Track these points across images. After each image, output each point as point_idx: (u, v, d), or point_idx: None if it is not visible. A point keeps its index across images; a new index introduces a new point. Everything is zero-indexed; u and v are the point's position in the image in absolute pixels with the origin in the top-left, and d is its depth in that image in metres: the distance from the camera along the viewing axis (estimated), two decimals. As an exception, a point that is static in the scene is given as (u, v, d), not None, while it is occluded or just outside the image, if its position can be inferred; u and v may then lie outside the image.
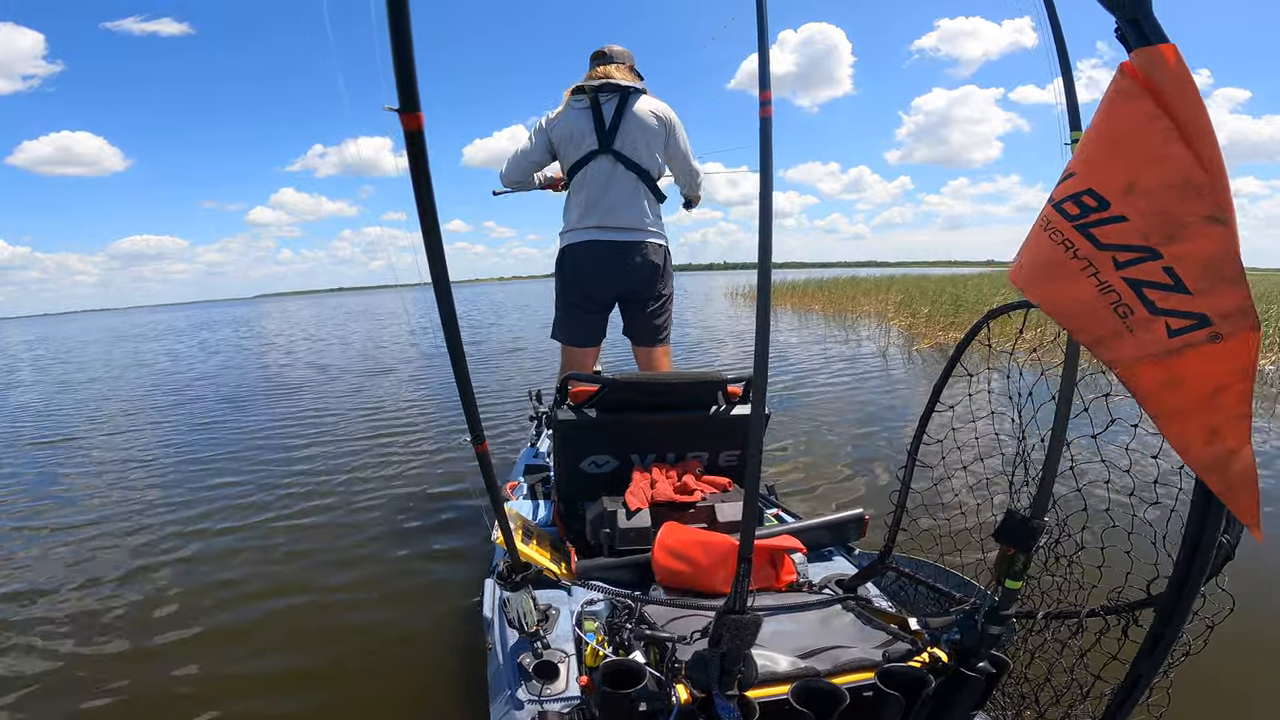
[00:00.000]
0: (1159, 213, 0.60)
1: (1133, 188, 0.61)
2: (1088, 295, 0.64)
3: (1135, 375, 0.63)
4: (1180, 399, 0.61)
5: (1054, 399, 0.95)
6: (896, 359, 5.27)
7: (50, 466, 3.81)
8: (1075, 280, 0.65)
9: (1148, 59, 0.60)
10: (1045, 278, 0.68)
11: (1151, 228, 0.60)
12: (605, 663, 0.92)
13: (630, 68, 2.35)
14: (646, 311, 2.39)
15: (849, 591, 1.26)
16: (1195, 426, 0.61)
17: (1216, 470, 0.61)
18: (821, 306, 14.40)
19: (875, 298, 13.23)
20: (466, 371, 0.79)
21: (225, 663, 1.75)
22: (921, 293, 11.89)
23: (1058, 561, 1.09)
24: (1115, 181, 0.62)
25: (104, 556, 2.42)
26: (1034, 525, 0.93)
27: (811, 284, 17.81)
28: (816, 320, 11.95)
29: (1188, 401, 0.61)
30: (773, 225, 0.75)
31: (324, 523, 2.73)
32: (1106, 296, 0.63)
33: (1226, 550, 0.76)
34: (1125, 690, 0.79)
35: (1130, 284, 0.62)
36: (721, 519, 1.49)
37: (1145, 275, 0.61)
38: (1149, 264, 0.61)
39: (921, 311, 9.78)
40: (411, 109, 0.58)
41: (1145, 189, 0.61)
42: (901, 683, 0.87)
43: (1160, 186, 0.60)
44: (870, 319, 11.23)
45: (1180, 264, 0.59)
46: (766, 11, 0.74)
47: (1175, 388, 0.61)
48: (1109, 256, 0.63)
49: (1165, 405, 0.62)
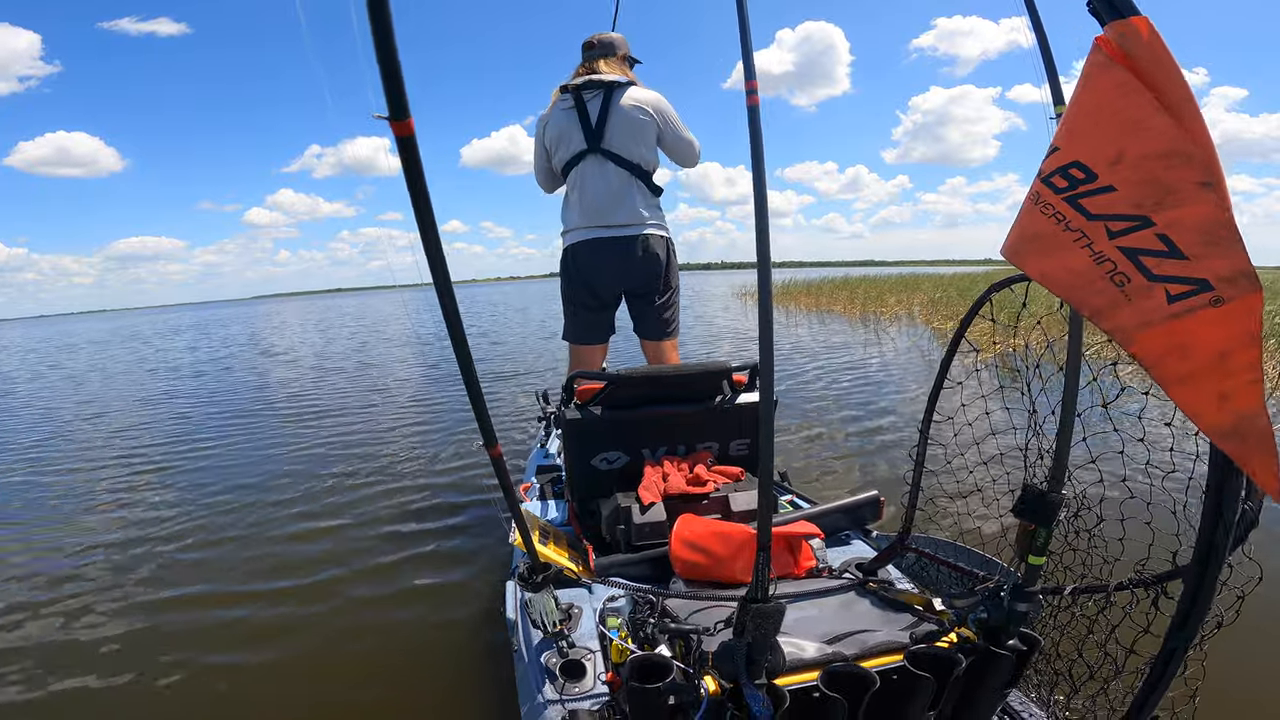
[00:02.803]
0: (1148, 181, 0.60)
1: (1120, 157, 0.61)
2: (1082, 265, 0.65)
3: (1138, 343, 0.62)
4: (1187, 365, 0.60)
5: (1061, 370, 0.95)
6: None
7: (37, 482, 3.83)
8: (1069, 252, 0.65)
9: (1120, 32, 0.60)
10: (1038, 251, 0.68)
11: (1142, 196, 0.61)
12: (632, 658, 0.92)
13: (623, 57, 2.32)
14: (654, 306, 2.39)
15: (869, 574, 1.26)
16: (1206, 393, 0.60)
17: (1233, 436, 0.61)
18: (843, 307, 13.54)
19: (899, 296, 12.55)
20: (476, 378, 0.78)
21: (244, 668, 1.76)
22: (959, 292, 11.34)
23: (1078, 535, 1.09)
24: (1102, 152, 0.63)
25: (120, 561, 2.44)
26: (1052, 499, 0.93)
27: (829, 283, 17.07)
28: (840, 323, 10.79)
29: (1195, 367, 0.60)
30: (769, 222, 0.75)
31: (336, 529, 2.74)
32: (1101, 266, 0.64)
33: (1250, 518, 0.75)
34: (1160, 665, 0.79)
35: (1125, 252, 0.62)
36: (736, 508, 1.49)
37: (1139, 243, 0.61)
38: (1142, 232, 0.61)
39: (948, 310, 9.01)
40: (401, 116, 0.58)
41: (1132, 158, 0.61)
42: (931, 664, 0.87)
43: (1146, 155, 0.60)
44: (897, 320, 10.56)
45: (1174, 230, 0.59)
46: (747, 6, 0.75)
47: (1181, 353, 0.60)
48: (1101, 226, 0.63)
49: (1173, 372, 0.61)
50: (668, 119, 2.28)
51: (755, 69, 0.75)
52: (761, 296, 0.76)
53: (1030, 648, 0.93)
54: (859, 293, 14.47)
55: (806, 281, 17.88)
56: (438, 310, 0.70)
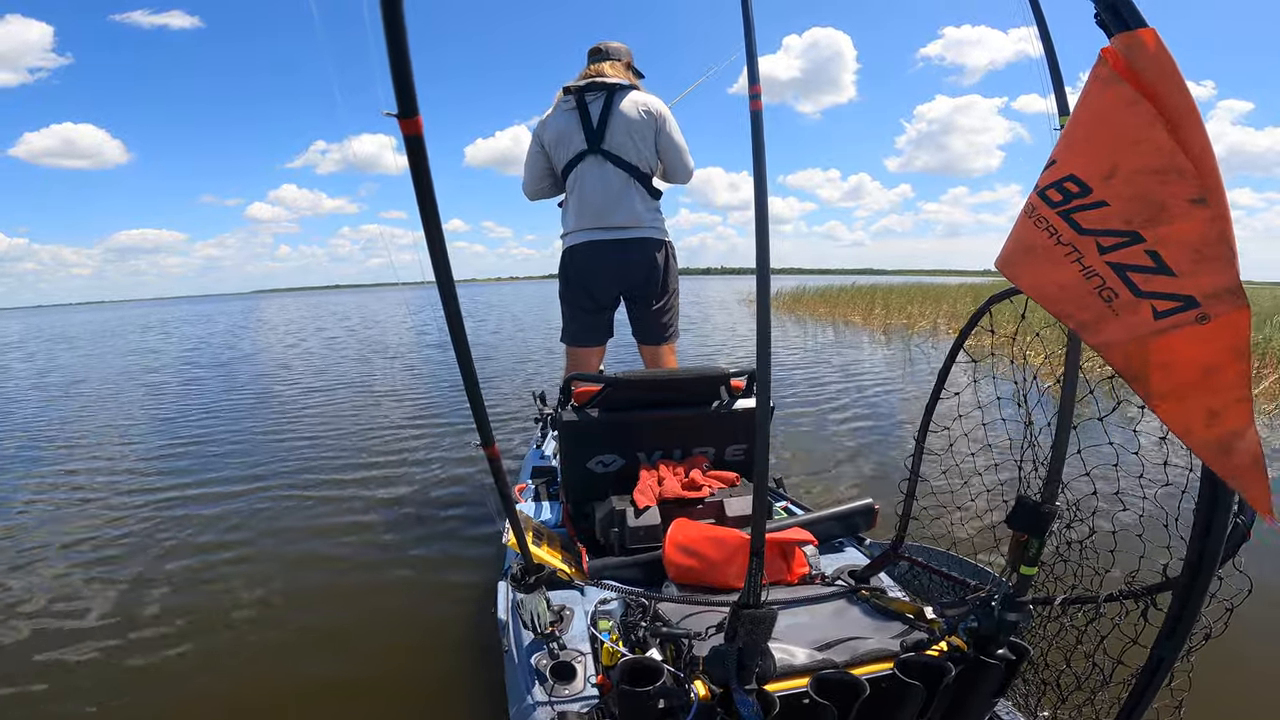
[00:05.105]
0: (1140, 197, 0.60)
1: (1113, 173, 0.62)
2: (1071, 279, 0.65)
3: (1124, 358, 0.63)
4: (1172, 381, 0.61)
5: (1058, 383, 0.95)
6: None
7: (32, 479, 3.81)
8: (1058, 265, 0.66)
9: (1127, 44, 0.60)
10: (1028, 262, 0.69)
11: (1133, 212, 0.61)
12: (623, 660, 0.92)
13: (627, 64, 2.33)
14: (652, 309, 2.39)
15: (862, 582, 1.26)
16: (1194, 409, 0.61)
17: (1221, 454, 0.61)
18: (861, 317, 12.30)
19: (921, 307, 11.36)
20: (474, 376, 0.79)
21: (235, 669, 1.75)
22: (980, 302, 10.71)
23: (1070, 547, 1.09)
24: (1096, 167, 0.63)
25: (115, 565, 2.42)
26: (1046, 510, 0.93)
27: (845, 290, 15.62)
28: (860, 336, 9.76)
29: (1181, 383, 0.60)
30: (769, 229, 0.76)
31: (330, 528, 2.73)
32: (1090, 281, 0.64)
33: (1241, 532, 0.76)
34: (1147, 675, 0.79)
35: (1114, 268, 0.63)
36: (730, 514, 1.49)
37: (1129, 259, 0.62)
38: (1132, 248, 0.61)
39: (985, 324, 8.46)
40: (410, 114, 0.58)
41: (1125, 173, 0.61)
42: (921, 672, 0.87)
43: (1140, 171, 0.60)
44: (933, 334, 9.54)
45: (1163, 246, 0.60)
46: (752, 8, 0.75)
47: (1166, 370, 0.61)
48: (1092, 241, 0.64)
49: (1158, 388, 0.62)
50: (666, 122, 2.29)
51: (759, 73, 0.75)
52: (760, 302, 0.77)
53: (1019, 657, 0.93)
54: (878, 301, 13.23)
55: (818, 289, 16.75)
56: (437, 308, 0.71)
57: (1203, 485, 0.72)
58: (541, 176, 2.42)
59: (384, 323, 17.14)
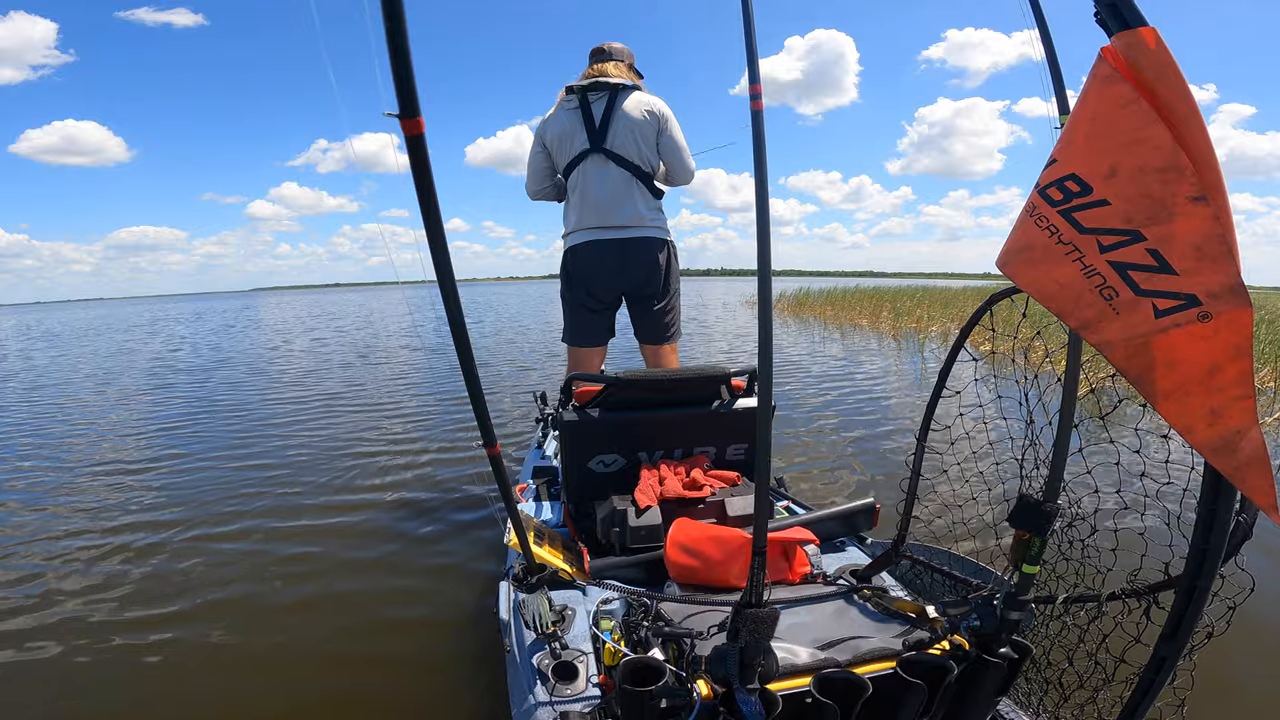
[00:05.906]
0: (1140, 195, 0.60)
1: (1114, 172, 0.62)
2: (1071, 278, 0.65)
3: (1125, 357, 0.63)
4: (1174, 380, 0.61)
5: (1059, 381, 0.95)
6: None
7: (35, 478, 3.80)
8: (1059, 264, 0.66)
9: (1127, 43, 0.60)
10: (1029, 261, 0.69)
11: (1134, 210, 0.61)
12: (625, 660, 0.92)
13: (629, 65, 2.34)
14: (653, 310, 2.39)
15: (863, 581, 1.26)
16: (1196, 408, 0.61)
17: (1225, 452, 0.61)
18: (869, 321, 11.97)
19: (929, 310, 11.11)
20: (476, 376, 0.79)
21: (230, 665, 1.75)
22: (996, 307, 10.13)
23: (1072, 545, 1.09)
24: (1097, 166, 0.63)
25: (112, 563, 2.42)
26: (1048, 509, 0.93)
27: (851, 293, 15.34)
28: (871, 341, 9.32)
29: (1183, 382, 0.60)
30: (770, 232, 0.76)
31: (330, 528, 2.72)
32: (1091, 279, 0.64)
33: (1244, 529, 0.76)
34: (1150, 673, 0.79)
35: (1115, 266, 0.63)
36: (732, 513, 1.49)
37: (1129, 258, 0.62)
38: (1133, 246, 0.61)
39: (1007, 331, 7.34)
40: (411, 114, 0.58)
41: (1125, 172, 0.61)
42: (923, 671, 0.87)
43: (1140, 169, 0.60)
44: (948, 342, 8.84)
45: (1164, 245, 0.60)
46: (752, 8, 0.76)
47: (1168, 369, 0.61)
48: (1093, 240, 0.64)
49: (1160, 387, 0.62)
50: (668, 122, 2.29)
51: (760, 73, 0.75)
52: (761, 303, 0.77)
53: (1022, 656, 0.93)
54: (886, 304, 12.86)
55: (822, 291, 16.48)
56: (438, 307, 0.71)
57: (1205, 483, 0.72)
58: (543, 176, 2.42)
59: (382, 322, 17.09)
